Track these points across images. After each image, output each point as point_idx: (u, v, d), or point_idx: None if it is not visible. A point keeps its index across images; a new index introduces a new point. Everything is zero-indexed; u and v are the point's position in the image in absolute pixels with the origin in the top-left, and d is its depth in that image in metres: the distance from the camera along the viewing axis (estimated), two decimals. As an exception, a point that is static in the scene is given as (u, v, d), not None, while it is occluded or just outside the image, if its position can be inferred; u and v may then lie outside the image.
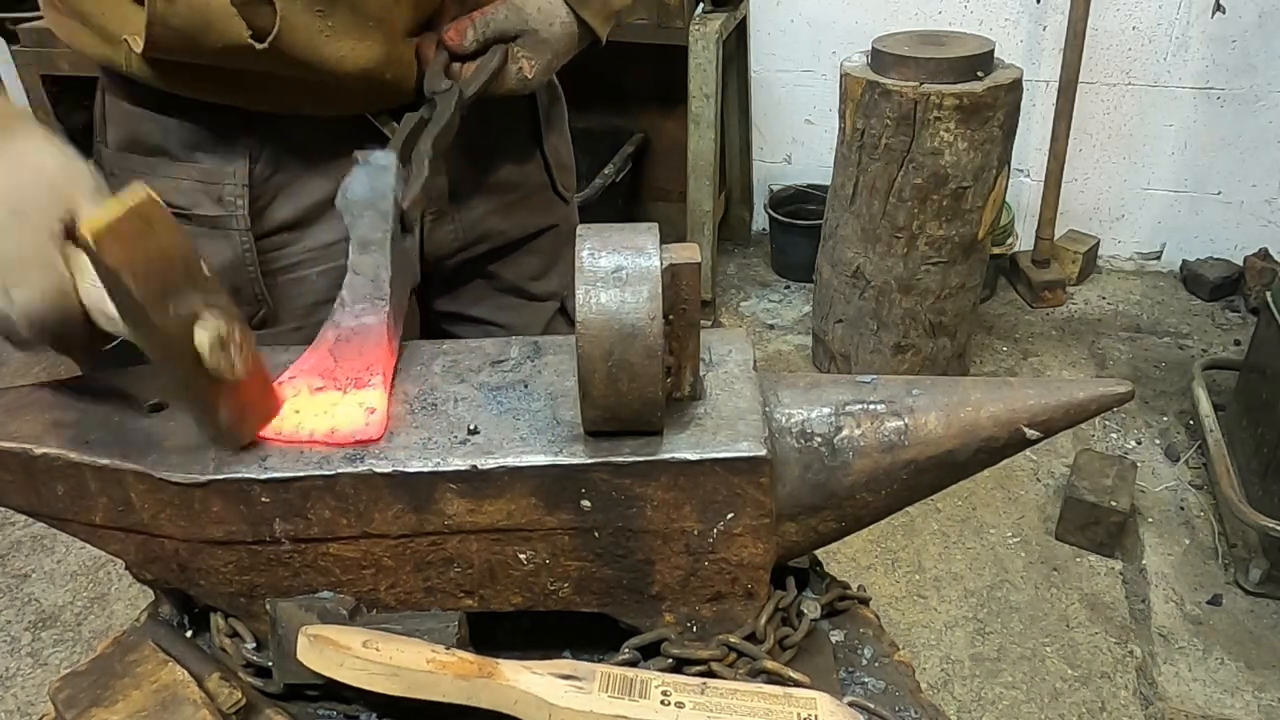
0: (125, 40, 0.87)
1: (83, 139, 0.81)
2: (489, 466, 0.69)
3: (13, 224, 0.66)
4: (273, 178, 0.99)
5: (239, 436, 0.71)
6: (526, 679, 0.68)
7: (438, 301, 1.22)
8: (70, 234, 0.68)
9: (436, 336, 1.18)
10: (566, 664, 0.71)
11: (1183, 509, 2.51)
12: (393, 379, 0.78)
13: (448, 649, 0.70)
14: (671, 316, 0.70)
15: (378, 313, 0.80)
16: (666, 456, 0.69)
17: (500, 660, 0.70)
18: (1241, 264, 3.39)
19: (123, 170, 1.00)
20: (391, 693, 0.68)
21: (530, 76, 1.02)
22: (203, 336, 0.65)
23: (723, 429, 0.71)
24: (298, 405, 0.74)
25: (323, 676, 0.72)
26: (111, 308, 0.66)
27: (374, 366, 0.76)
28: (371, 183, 0.86)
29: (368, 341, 0.78)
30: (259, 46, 0.85)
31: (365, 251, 0.83)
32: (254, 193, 0.98)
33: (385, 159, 0.87)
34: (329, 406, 0.74)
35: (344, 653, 0.68)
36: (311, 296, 1.05)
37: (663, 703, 0.68)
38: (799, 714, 0.68)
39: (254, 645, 0.78)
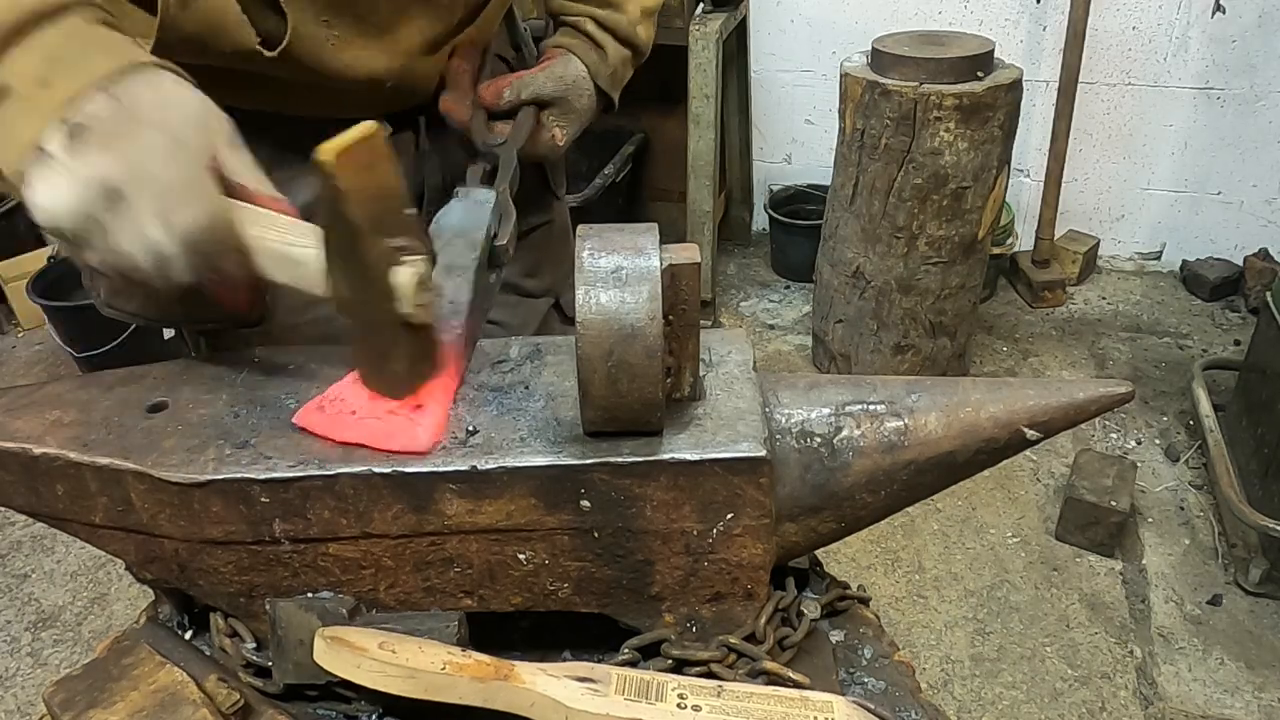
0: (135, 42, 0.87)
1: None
2: (489, 467, 0.69)
3: (175, 152, 0.67)
4: (269, 175, 0.99)
5: (408, 385, 0.72)
6: (543, 681, 0.68)
7: None
8: (217, 172, 0.69)
9: None
10: (582, 666, 0.71)
11: (1183, 509, 2.51)
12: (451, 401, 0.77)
13: (464, 650, 0.70)
14: (671, 317, 0.70)
15: (450, 335, 0.79)
16: (666, 457, 0.69)
17: (516, 662, 0.70)
18: (1241, 264, 3.39)
19: None
20: (408, 695, 0.68)
21: (560, 144, 1.06)
22: (406, 276, 0.66)
23: (722, 429, 0.71)
24: (356, 406, 0.74)
25: (323, 676, 0.72)
26: (287, 247, 0.68)
27: (435, 388, 0.76)
28: (467, 215, 0.90)
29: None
30: (268, 54, 0.85)
31: (449, 275, 0.84)
32: None
33: (486, 195, 0.92)
34: (386, 416, 0.74)
35: (360, 655, 0.68)
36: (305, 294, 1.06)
37: (679, 706, 0.67)
38: (816, 717, 0.67)
39: (254, 645, 0.78)
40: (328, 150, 0.61)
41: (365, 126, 0.63)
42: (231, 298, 0.79)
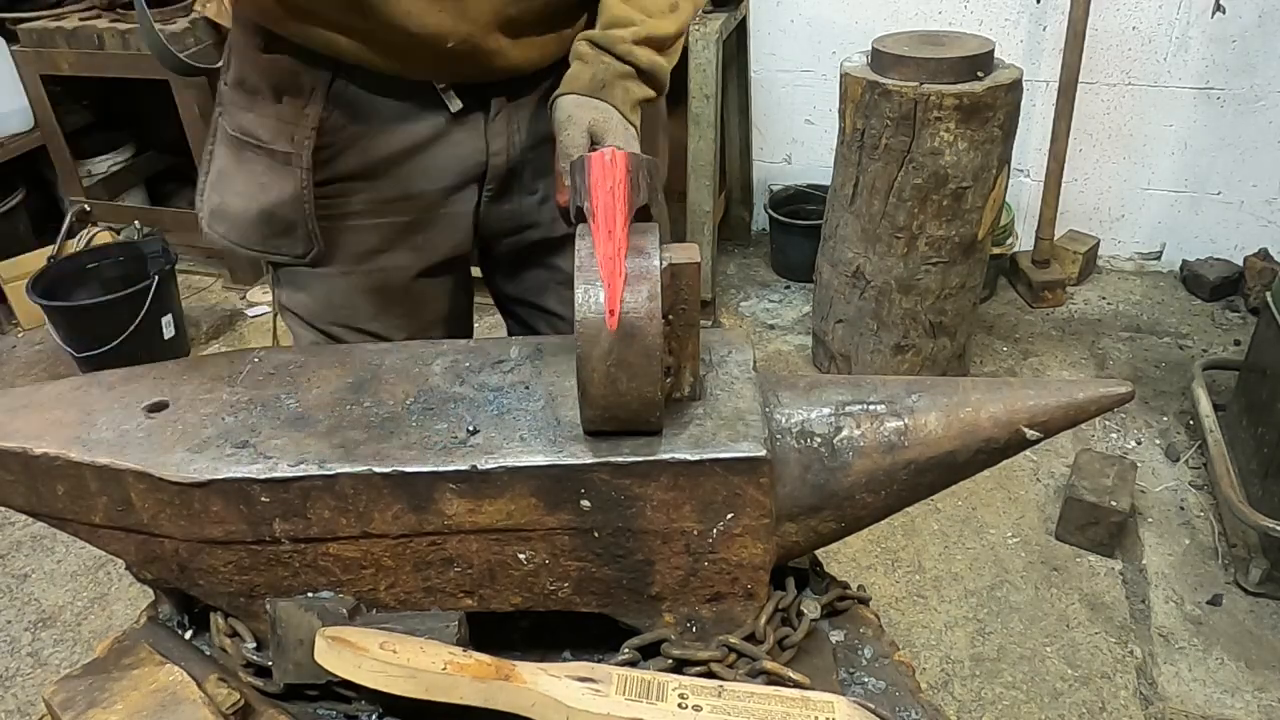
0: None
1: (83, 137, 0.82)
2: (489, 466, 0.69)
3: None
4: (345, 129, 1.08)
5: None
6: (544, 681, 0.68)
7: (502, 283, 1.33)
8: None
9: (507, 319, 1.37)
10: (584, 667, 0.70)
11: (1183, 509, 2.51)
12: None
13: (464, 650, 0.70)
14: (671, 316, 0.70)
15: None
16: (666, 456, 0.69)
17: (516, 662, 0.70)
18: (1241, 264, 3.39)
19: (231, 105, 1.13)
20: (410, 695, 0.68)
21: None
22: None
23: (723, 429, 0.71)
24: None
25: (323, 676, 0.72)
26: None
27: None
28: None
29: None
30: None
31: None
32: (325, 139, 1.08)
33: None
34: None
35: (362, 655, 0.68)
36: (363, 245, 1.14)
37: (680, 705, 0.67)
38: (817, 717, 0.67)
39: (254, 645, 0.78)
40: None
41: None
42: None
